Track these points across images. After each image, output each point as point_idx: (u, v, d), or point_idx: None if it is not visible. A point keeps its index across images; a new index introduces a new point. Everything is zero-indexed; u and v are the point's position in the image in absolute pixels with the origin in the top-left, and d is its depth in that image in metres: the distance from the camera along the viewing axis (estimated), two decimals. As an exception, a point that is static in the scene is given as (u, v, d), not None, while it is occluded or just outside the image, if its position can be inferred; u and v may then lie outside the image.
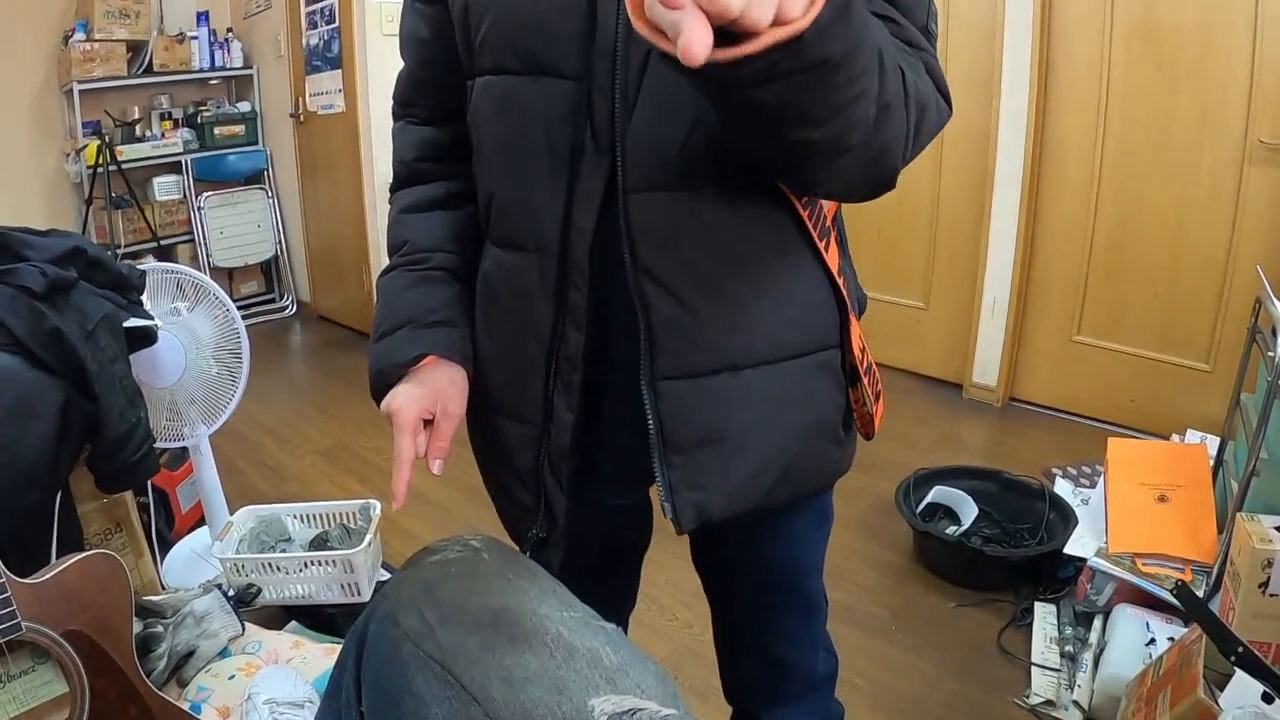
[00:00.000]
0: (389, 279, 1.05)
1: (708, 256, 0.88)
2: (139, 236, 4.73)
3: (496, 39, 0.89)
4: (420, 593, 0.84)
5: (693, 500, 0.93)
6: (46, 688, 1.34)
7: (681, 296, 0.88)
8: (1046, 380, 3.45)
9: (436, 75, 1.03)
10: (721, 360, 0.91)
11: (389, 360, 0.99)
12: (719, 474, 0.93)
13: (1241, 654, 1.47)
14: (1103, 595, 2.07)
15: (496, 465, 1.07)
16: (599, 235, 0.88)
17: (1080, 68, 3.10)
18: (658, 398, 0.91)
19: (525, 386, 0.98)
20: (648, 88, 0.83)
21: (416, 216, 1.06)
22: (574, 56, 0.84)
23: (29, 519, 1.62)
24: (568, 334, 0.93)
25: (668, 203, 0.86)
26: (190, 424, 2.33)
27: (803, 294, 0.95)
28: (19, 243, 1.79)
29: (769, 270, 0.92)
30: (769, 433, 0.95)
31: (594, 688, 0.73)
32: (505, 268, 0.97)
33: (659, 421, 0.91)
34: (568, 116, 0.86)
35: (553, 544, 1.03)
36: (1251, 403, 2.03)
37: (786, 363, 0.94)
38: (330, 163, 4.70)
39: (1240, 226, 2.86)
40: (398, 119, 1.11)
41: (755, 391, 0.93)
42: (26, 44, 4.46)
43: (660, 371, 0.90)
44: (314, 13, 4.48)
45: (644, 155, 0.85)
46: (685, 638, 2.17)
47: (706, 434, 0.92)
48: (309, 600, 2.13)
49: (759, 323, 0.92)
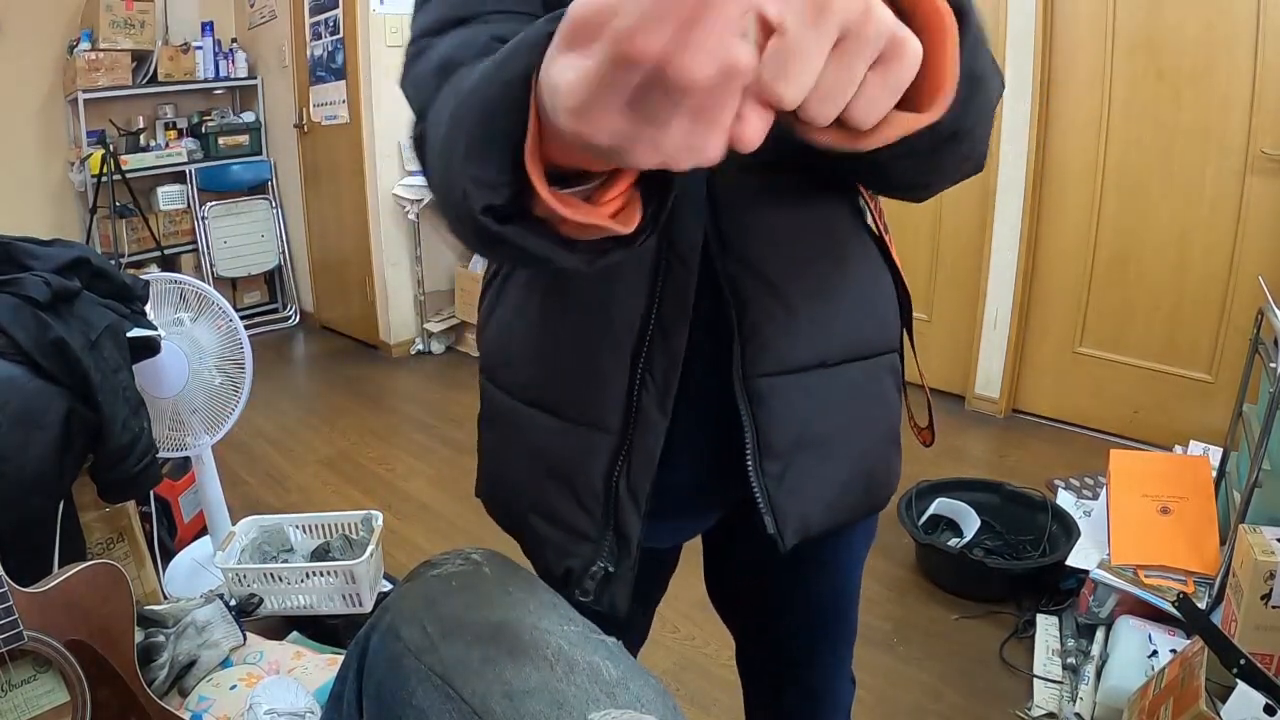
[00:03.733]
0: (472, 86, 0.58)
1: (797, 244, 0.81)
2: (143, 246, 4.75)
3: None
4: (422, 606, 0.84)
5: (796, 511, 0.84)
6: (48, 696, 1.34)
7: (775, 285, 0.80)
8: (1049, 392, 3.45)
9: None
10: (815, 355, 0.83)
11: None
12: (817, 481, 0.85)
13: (1244, 666, 1.47)
14: (1105, 607, 2.07)
15: (539, 477, 0.88)
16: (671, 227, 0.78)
17: (1082, 80, 3.11)
18: (751, 397, 0.81)
19: (602, 383, 0.82)
20: None
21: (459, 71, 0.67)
22: None
23: (32, 528, 1.63)
24: (669, 322, 0.79)
25: (757, 190, 0.79)
26: (193, 434, 2.33)
27: (880, 290, 0.89)
28: (23, 252, 1.80)
29: (852, 263, 0.86)
30: (858, 436, 0.88)
31: (594, 701, 0.73)
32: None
33: (754, 423, 0.81)
34: None
35: (620, 579, 0.86)
36: (1254, 414, 2.03)
37: (868, 361, 0.88)
38: (334, 173, 4.72)
39: (1242, 237, 2.87)
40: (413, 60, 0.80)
41: (845, 390, 0.85)
42: (32, 53, 4.48)
43: (754, 368, 0.81)
44: (318, 24, 4.50)
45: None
46: (687, 650, 2.17)
47: (804, 437, 0.83)
48: (311, 611, 2.14)
49: (846, 317, 0.85)
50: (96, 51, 4.42)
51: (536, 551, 0.92)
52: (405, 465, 3.33)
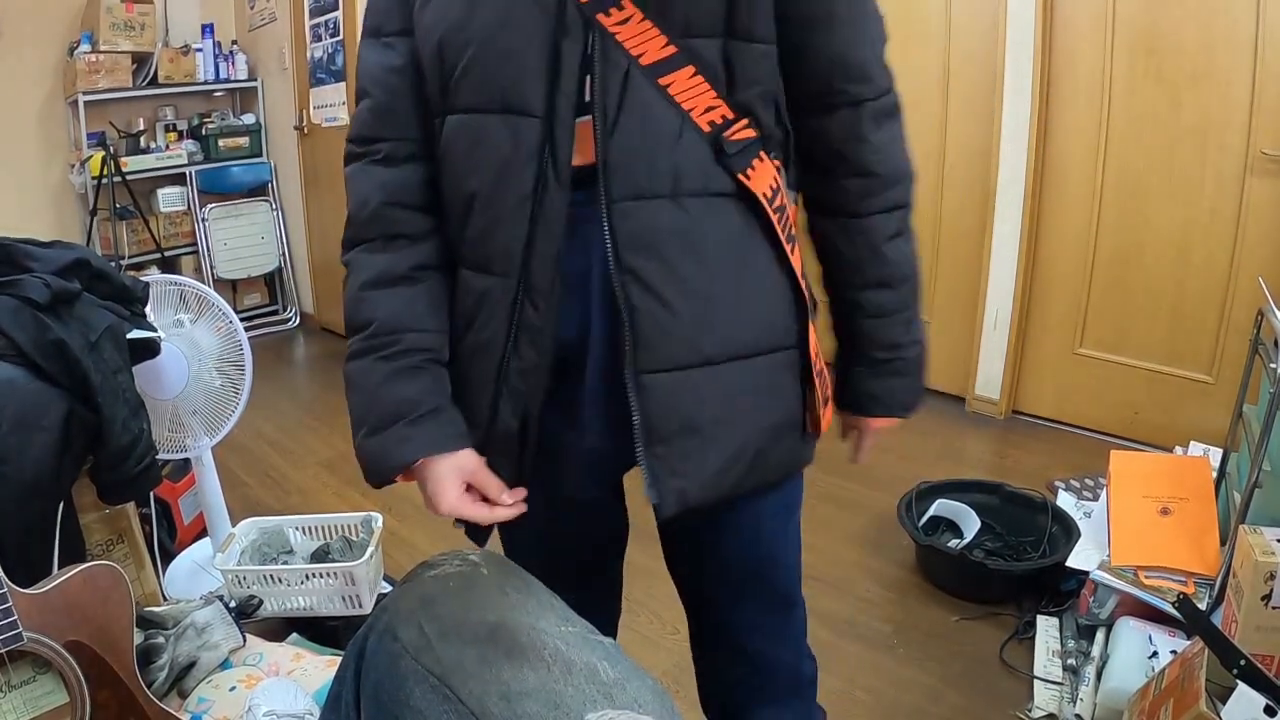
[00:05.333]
0: (360, 367, 1.04)
1: (687, 259, 0.94)
2: (143, 248, 4.75)
3: (472, 77, 0.93)
4: (419, 607, 0.85)
5: (675, 486, 0.97)
6: (47, 698, 1.34)
7: (663, 295, 0.93)
8: (1049, 393, 3.45)
9: (405, 107, 1.02)
10: (699, 355, 0.96)
11: (386, 463, 1.01)
12: (697, 462, 0.98)
13: (1244, 667, 1.47)
14: (1105, 608, 2.07)
15: None
16: (572, 252, 0.94)
17: (1082, 82, 3.11)
18: (641, 390, 0.95)
19: (478, 395, 1.02)
20: (628, 107, 0.90)
21: (381, 292, 1.04)
22: (540, 95, 0.90)
23: (31, 530, 1.63)
24: (521, 350, 0.97)
25: (651, 209, 0.92)
26: (193, 435, 2.33)
27: (772, 295, 1.01)
28: (23, 254, 1.80)
29: (742, 272, 0.98)
30: (740, 424, 1.00)
31: (591, 702, 0.73)
32: (474, 287, 1.01)
33: (643, 413, 0.95)
34: (533, 152, 0.91)
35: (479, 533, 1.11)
36: (1254, 414, 2.02)
37: (755, 359, 1.00)
38: (334, 175, 4.71)
39: (1242, 238, 2.86)
40: (355, 160, 1.07)
41: (728, 385, 0.98)
42: (32, 55, 4.49)
43: (643, 365, 0.94)
44: (318, 26, 4.51)
45: (628, 167, 0.91)
46: (685, 651, 2.16)
47: (685, 424, 0.97)
48: (310, 612, 2.14)
49: (732, 321, 0.98)
50: (97, 53, 4.42)
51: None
52: (405, 467, 3.33)
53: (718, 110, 0.93)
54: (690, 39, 0.90)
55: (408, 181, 1.03)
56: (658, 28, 0.89)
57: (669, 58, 0.90)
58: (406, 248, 1.04)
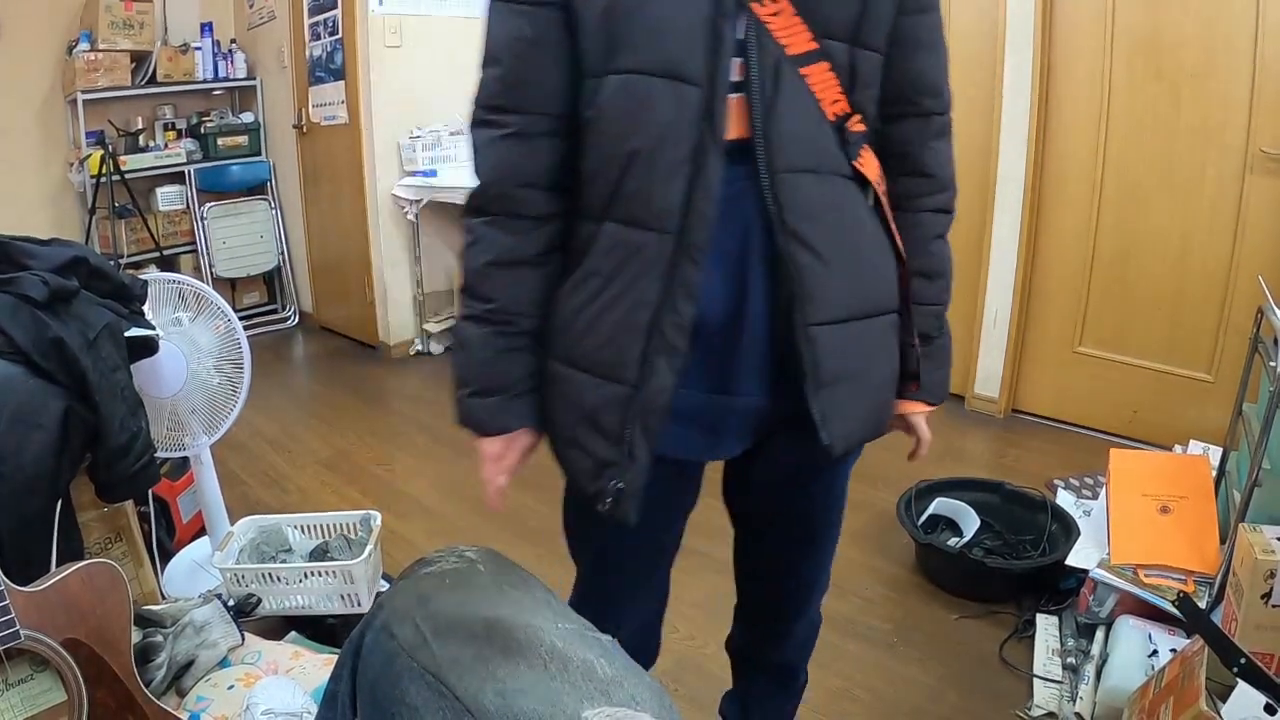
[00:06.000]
0: (477, 334, 1.13)
1: (838, 225, 1.06)
2: (142, 246, 4.74)
3: (639, 42, 0.99)
4: (415, 604, 0.84)
5: (841, 429, 1.09)
6: (45, 696, 1.34)
7: (823, 255, 1.03)
8: (1048, 392, 3.45)
9: (538, 78, 1.06)
10: (850, 311, 1.07)
11: (494, 423, 1.15)
12: (854, 406, 1.10)
13: (1244, 665, 1.47)
14: (1105, 607, 2.07)
15: (576, 420, 1.11)
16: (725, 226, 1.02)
17: (1081, 80, 3.11)
18: (809, 341, 1.04)
19: (622, 349, 1.05)
20: (782, 90, 1.00)
21: (505, 272, 1.11)
22: (700, 66, 0.98)
23: (29, 528, 1.62)
24: (678, 304, 1.02)
25: (807, 181, 1.03)
26: (191, 434, 2.33)
27: (886, 263, 1.13)
28: (21, 252, 1.80)
29: (870, 241, 1.11)
30: (874, 375, 1.14)
31: (588, 699, 0.73)
32: (624, 241, 1.04)
33: (812, 362, 1.05)
34: (694, 118, 0.98)
35: (630, 496, 1.09)
36: (1254, 413, 2.02)
37: (882, 317, 1.13)
38: (333, 174, 4.72)
39: (1242, 237, 2.86)
40: (484, 127, 1.09)
41: (868, 340, 1.11)
42: (31, 54, 4.48)
43: (809, 318, 1.04)
44: (317, 24, 4.50)
45: (788, 144, 1.01)
46: (687, 650, 2.17)
47: (843, 372, 1.08)
48: (309, 611, 2.14)
49: (871, 282, 1.11)
50: (96, 52, 4.41)
51: (572, 475, 1.15)
52: (404, 465, 3.33)
53: (841, 103, 1.05)
54: (827, 40, 1.01)
55: (538, 160, 1.08)
56: (804, 23, 0.99)
57: (811, 51, 1.01)
58: (532, 230, 1.11)
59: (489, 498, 1.18)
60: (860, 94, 1.07)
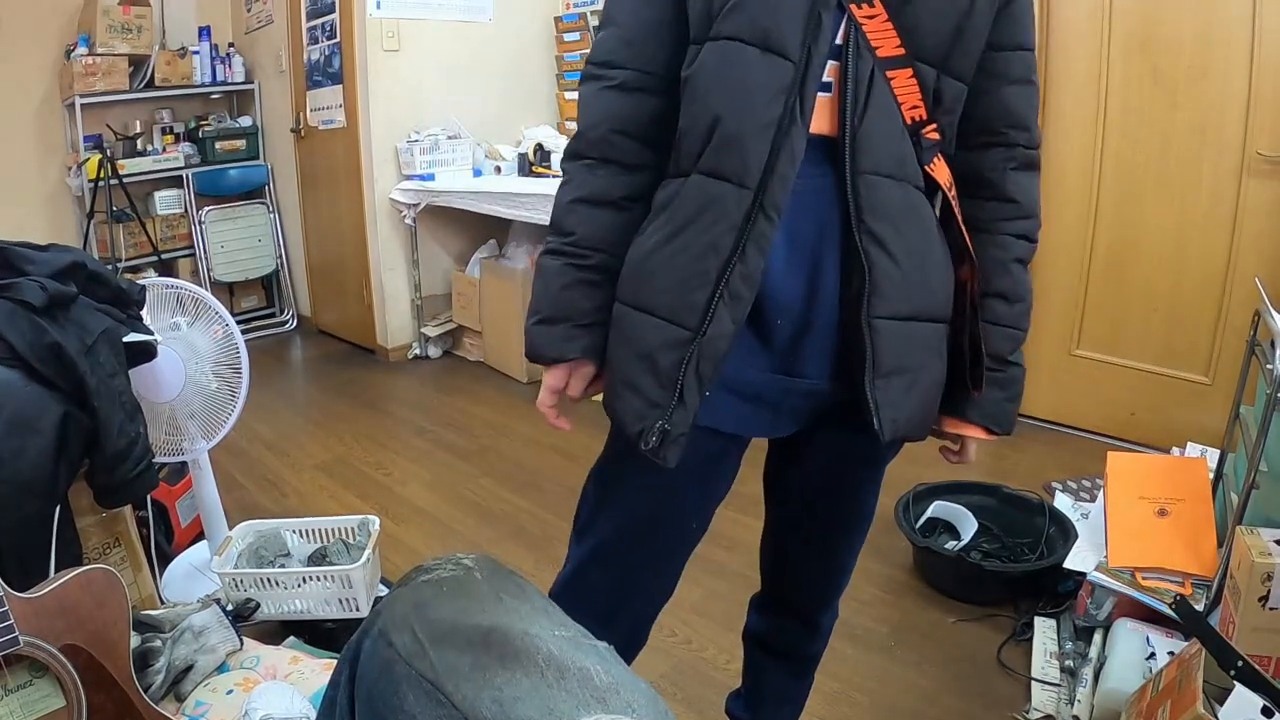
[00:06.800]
0: (553, 265, 1.20)
1: (911, 230, 1.10)
2: (140, 250, 4.75)
3: (741, 13, 1.04)
4: (412, 611, 0.85)
5: (890, 416, 1.13)
6: (44, 701, 1.34)
7: (895, 256, 1.08)
8: (1046, 394, 3.45)
9: (649, 35, 1.14)
10: (912, 310, 1.12)
11: (551, 350, 1.21)
12: (904, 398, 1.14)
13: (1241, 668, 1.47)
14: (1102, 610, 2.07)
15: (632, 360, 1.15)
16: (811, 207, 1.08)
17: (1078, 81, 3.11)
18: (874, 332, 1.09)
19: (690, 293, 1.09)
20: (874, 93, 1.04)
21: (589, 209, 1.18)
22: (797, 44, 1.03)
23: (27, 533, 1.62)
24: (748, 254, 1.06)
25: (887, 186, 1.07)
26: (190, 439, 2.33)
27: (947, 275, 1.17)
28: (19, 257, 1.80)
29: (938, 249, 1.15)
30: (926, 375, 1.17)
31: (584, 707, 0.73)
32: (705, 191, 1.09)
33: (874, 351, 1.10)
34: (784, 89, 1.03)
35: (673, 440, 1.12)
36: (1251, 415, 2.02)
37: (938, 323, 1.17)
38: (331, 177, 4.72)
39: (1239, 239, 2.87)
40: (592, 80, 1.17)
41: (924, 340, 1.15)
42: (29, 57, 4.48)
43: (875, 312, 1.09)
44: (315, 28, 4.50)
45: (874, 147, 1.06)
46: (684, 654, 2.17)
47: (899, 365, 1.12)
48: (307, 615, 2.14)
49: (933, 288, 1.14)
50: (93, 56, 4.42)
51: (619, 416, 1.17)
52: (402, 470, 3.33)
53: (919, 110, 1.09)
54: (918, 62, 1.07)
55: (638, 112, 1.15)
56: (894, 30, 1.04)
57: (898, 57, 1.05)
58: (621, 175, 1.17)
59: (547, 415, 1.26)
60: (940, 115, 1.11)
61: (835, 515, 1.39)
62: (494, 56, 4.62)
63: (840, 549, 1.44)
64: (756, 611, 1.60)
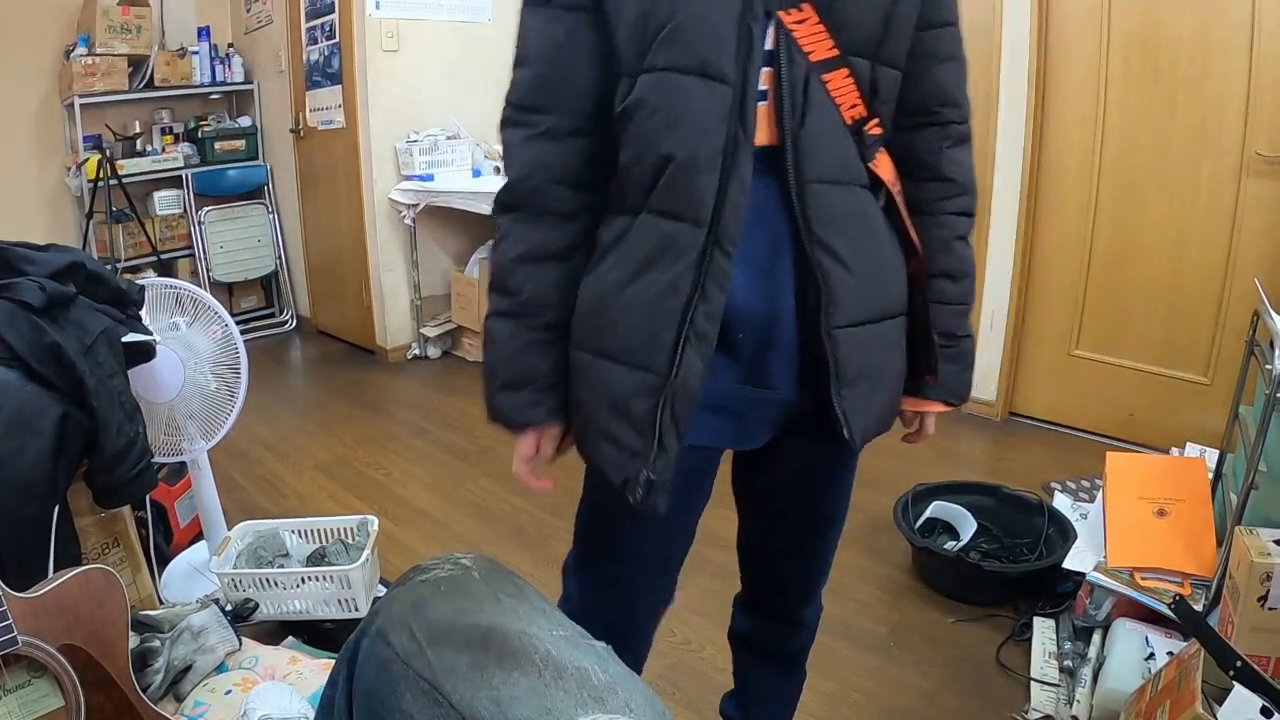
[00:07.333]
0: (505, 328, 1.16)
1: (862, 234, 1.10)
2: (139, 250, 4.74)
3: (673, 42, 1.02)
4: (410, 611, 0.85)
5: (860, 423, 1.14)
6: (42, 701, 1.34)
7: (847, 263, 1.08)
8: (1045, 394, 3.45)
9: (569, 74, 1.10)
10: (870, 314, 1.12)
11: (518, 417, 1.18)
12: (870, 402, 1.15)
13: (1240, 668, 1.47)
14: (1102, 610, 2.07)
15: (604, 410, 1.13)
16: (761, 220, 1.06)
17: (1078, 82, 3.11)
18: (834, 343, 1.09)
19: (655, 337, 1.07)
20: (811, 99, 1.03)
21: (534, 266, 1.14)
22: (733, 66, 1.01)
23: (26, 533, 1.62)
24: (711, 293, 1.05)
25: (834, 192, 1.07)
26: (189, 439, 2.33)
27: (899, 268, 1.17)
28: (18, 257, 1.80)
29: (888, 247, 1.15)
30: (888, 374, 1.19)
31: (582, 706, 0.73)
32: (660, 231, 1.07)
33: (836, 361, 1.10)
34: (725, 114, 1.01)
35: (660, 488, 1.10)
36: (1250, 415, 2.03)
37: (897, 319, 1.17)
38: (330, 178, 4.72)
39: (1238, 239, 2.87)
40: (515, 126, 1.13)
41: (884, 340, 1.16)
42: (28, 58, 4.48)
43: (835, 322, 1.08)
44: (315, 29, 4.50)
45: (815, 154, 1.04)
46: (683, 654, 2.17)
47: (862, 371, 1.13)
48: (306, 616, 2.14)
49: (887, 287, 1.15)
50: (93, 56, 4.41)
51: (602, 468, 1.15)
52: (401, 470, 3.33)
53: (858, 108, 1.08)
54: (851, 56, 1.05)
55: (571, 158, 1.12)
56: (827, 32, 1.02)
57: (832, 59, 1.04)
58: (561, 224, 1.14)
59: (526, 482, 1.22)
60: (878, 107, 1.10)
61: (810, 519, 1.38)
62: (494, 56, 4.61)
63: (817, 550, 1.43)
64: (740, 613, 1.59)
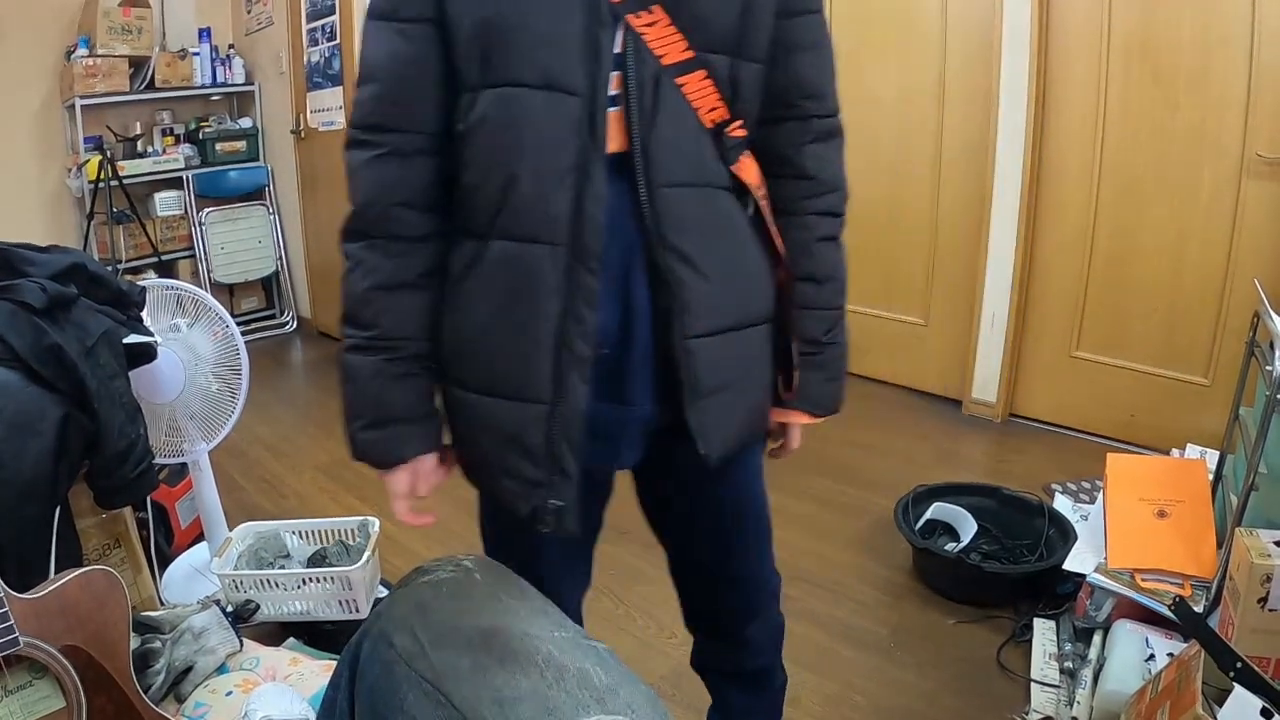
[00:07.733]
0: (362, 364, 1.15)
1: (717, 239, 1.07)
2: (140, 252, 4.74)
3: (515, 55, 0.98)
4: (413, 612, 0.85)
5: (718, 437, 1.10)
6: (44, 702, 1.34)
7: (701, 270, 1.05)
8: (1046, 396, 3.45)
9: (415, 98, 1.04)
10: (728, 322, 1.09)
11: (387, 456, 1.15)
12: (730, 415, 1.12)
13: (1240, 669, 1.47)
14: (1102, 611, 2.07)
15: (498, 446, 1.10)
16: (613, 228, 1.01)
17: (1078, 83, 3.11)
18: (687, 354, 1.06)
19: (533, 367, 1.04)
20: (661, 102, 1.00)
21: (387, 296, 1.11)
22: (580, 76, 0.97)
23: (28, 534, 1.63)
24: (581, 313, 1.01)
25: (688, 195, 1.03)
26: (190, 440, 2.33)
27: (763, 273, 1.15)
28: (20, 259, 1.80)
29: (749, 252, 1.12)
30: (750, 383, 1.16)
31: (583, 707, 0.73)
32: (515, 256, 1.03)
33: (690, 373, 1.06)
34: (575, 127, 0.98)
35: (568, 511, 1.08)
36: (1250, 417, 2.02)
37: (760, 327, 1.14)
38: (331, 179, 4.71)
39: (1238, 240, 2.87)
40: (361, 147, 1.08)
41: (744, 349, 1.13)
42: (29, 59, 4.48)
43: (688, 332, 1.05)
44: (315, 30, 4.51)
45: (667, 158, 1.01)
46: (683, 656, 2.16)
47: (720, 382, 1.09)
48: (307, 617, 2.14)
49: (747, 293, 1.12)
50: (94, 58, 4.42)
51: (506, 502, 1.12)
52: (403, 471, 3.32)
53: (719, 110, 1.04)
54: (708, 53, 1.01)
55: (418, 179, 1.07)
56: (680, 34, 0.99)
57: (686, 61, 1.00)
58: (411, 250, 1.09)
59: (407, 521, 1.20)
60: (741, 105, 1.06)
61: (717, 534, 1.33)
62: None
63: (736, 563, 1.36)
64: (693, 636, 1.53)
